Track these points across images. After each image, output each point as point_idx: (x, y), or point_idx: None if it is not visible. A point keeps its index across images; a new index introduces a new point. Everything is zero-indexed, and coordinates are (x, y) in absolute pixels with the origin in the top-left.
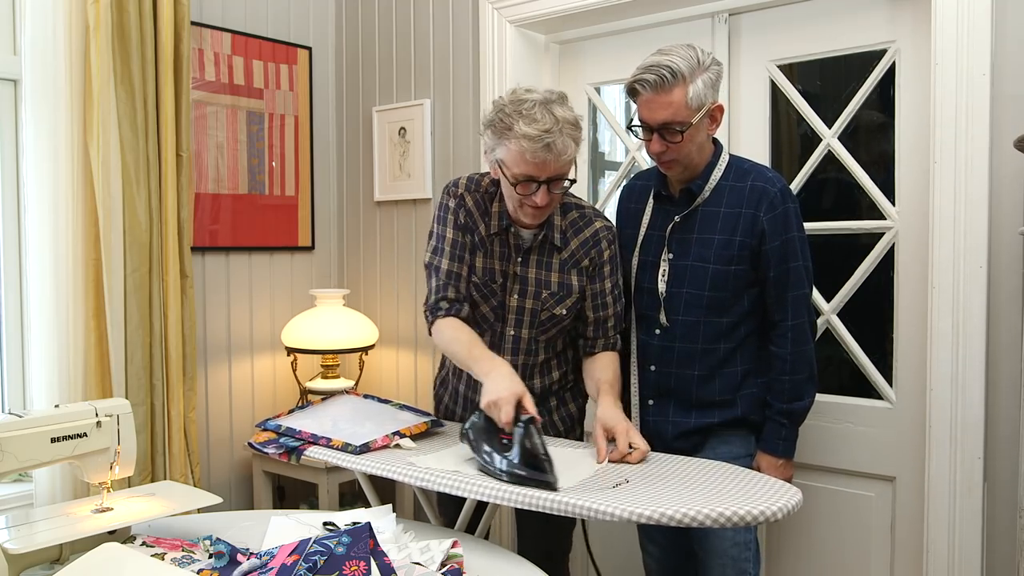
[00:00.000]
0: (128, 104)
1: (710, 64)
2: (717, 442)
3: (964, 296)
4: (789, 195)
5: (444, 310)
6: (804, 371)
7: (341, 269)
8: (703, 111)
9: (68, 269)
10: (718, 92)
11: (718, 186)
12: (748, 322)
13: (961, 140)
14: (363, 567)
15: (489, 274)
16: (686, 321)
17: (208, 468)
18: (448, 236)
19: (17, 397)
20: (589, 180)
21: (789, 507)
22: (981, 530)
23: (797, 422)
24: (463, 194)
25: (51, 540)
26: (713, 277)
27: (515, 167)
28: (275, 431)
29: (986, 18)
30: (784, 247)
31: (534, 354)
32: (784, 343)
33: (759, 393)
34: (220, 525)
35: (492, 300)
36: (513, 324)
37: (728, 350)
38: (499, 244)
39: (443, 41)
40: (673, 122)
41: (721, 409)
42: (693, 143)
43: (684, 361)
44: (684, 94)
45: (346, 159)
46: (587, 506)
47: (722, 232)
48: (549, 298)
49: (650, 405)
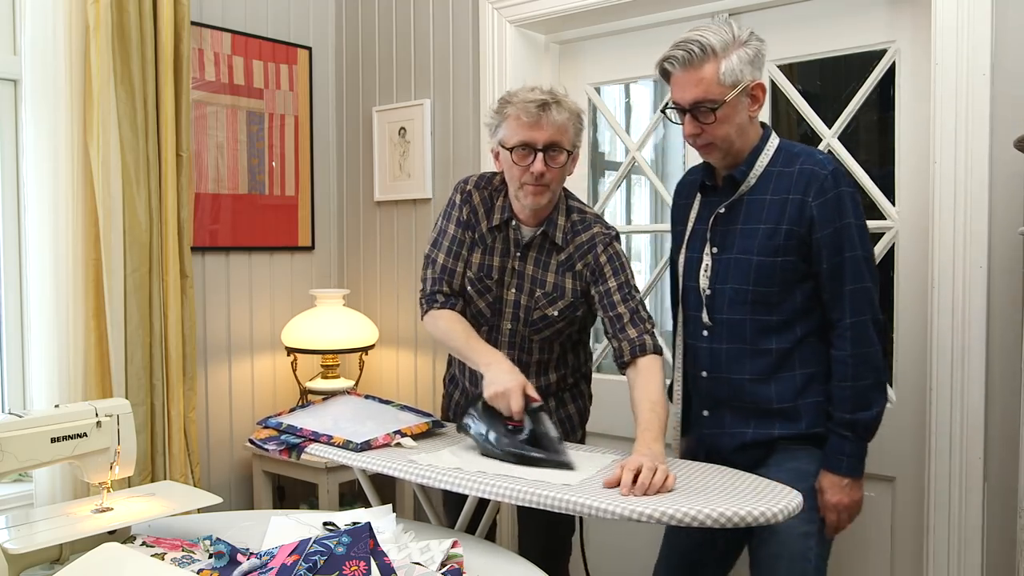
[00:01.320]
0: (128, 104)
1: (748, 39)
2: (783, 457)
3: (964, 296)
4: (842, 178)
5: (439, 303)
6: (868, 376)
7: (341, 269)
8: (739, 89)
9: (68, 269)
10: (760, 70)
11: (765, 172)
12: (805, 321)
13: (961, 140)
14: (363, 567)
15: (485, 270)
16: (731, 319)
17: (208, 468)
18: (449, 232)
19: (17, 397)
20: (589, 180)
21: (790, 509)
22: (981, 530)
23: (863, 435)
24: (471, 191)
25: (51, 540)
26: (757, 270)
27: (512, 137)
28: (276, 428)
29: (986, 18)
30: (837, 235)
31: (528, 351)
32: (843, 344)
33: (827, 402)
34: (220, 525)
35: (488, 296)
36: (509, 318)
37: (783, 352)
38: (500, 240)
39: (443, 41)
40: (705, 100)
41: (783, 420)
42: (731, 124)
43: (734, 364)
44: (716, 70)
45: (346, 159)
46: (588, 504)
47: (767, 221)
48: (542, 297)
49: (705, 417)
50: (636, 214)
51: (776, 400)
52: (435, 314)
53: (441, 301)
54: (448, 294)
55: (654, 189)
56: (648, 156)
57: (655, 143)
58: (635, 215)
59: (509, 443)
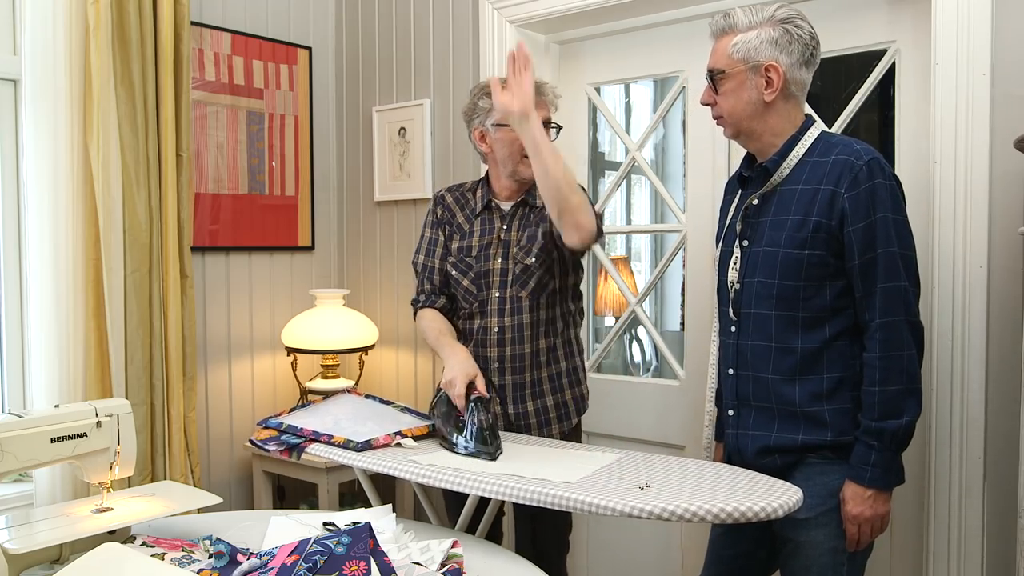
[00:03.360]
0: (128, 104)
1: (782, 22)
2: (812, 471)
3: (964, 296)
4: (879, 169)
5: (422, 302)
6: (898, 382)
7: (341, 269)
8: (748, 64)
9: (68, 269)
10: (788, 54)
11: (800, 162)
12: (835, 320)
13: (961, 140)
14: (363, 567)
15: (465, 251)
16: (757, 315)
17: (208, 468)
18: (427, 235)
19: (17, 397)
20: (589, 180)
21: (789, 505)
22: (981, 530)
23: (891, 445)
24: (443, 193)
25: (51, 540)
26: (783, 263)
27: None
28: (276, 428)
29: (986, 18)
30: (870, 230)
31: (519, 313)
32: (872, 346)
33: (857, 409)
34: (220, 525)
35: (470, 273)
36: (498, 286)
37: (810, 352)
38: (479, 223)
39: (443, 41)
40: (714, 69)
41: (808, 425)
42: (736, 99)
43: (758, 361)
44: (729, 42)
45: (346, 159)
46: (587, 501)
47: (796, 212)
48: (519, 251)
49: (730, 416)
50: (636, 214)
51: (800, 402)
52: (419, 314)
53: (423, 301)
54: (429, 292)
55: (654, 189)
56: (648, 156)
57: (655, 143)
58: (635, 215)
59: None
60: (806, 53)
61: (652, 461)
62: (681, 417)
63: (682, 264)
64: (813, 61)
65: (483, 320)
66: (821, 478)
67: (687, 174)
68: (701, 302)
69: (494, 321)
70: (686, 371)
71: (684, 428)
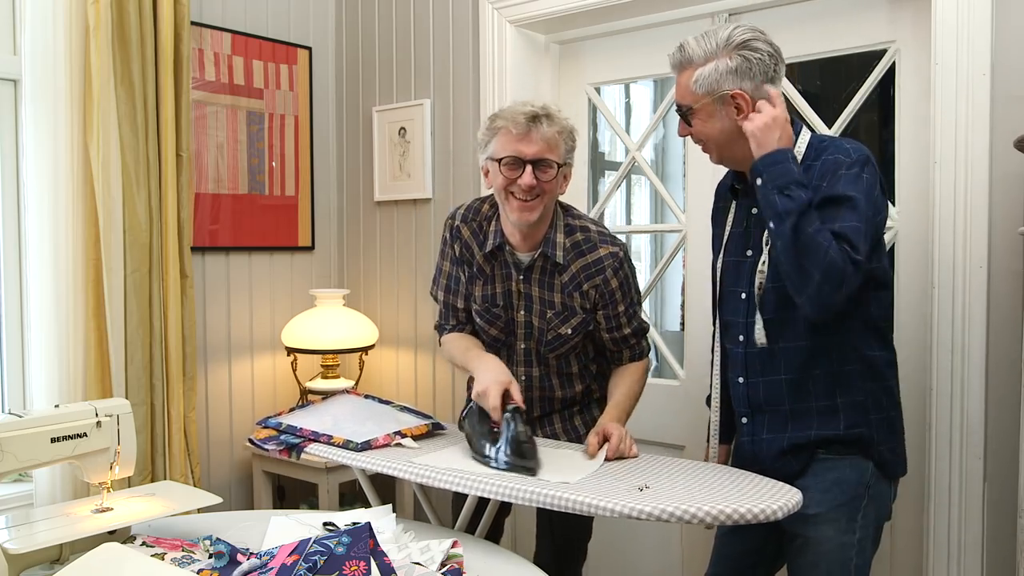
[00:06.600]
0: (128, 104)
1: (737, 48)
2: (822, 467)
3: (964, 296)
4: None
5: (448, 330)
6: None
7: (341, 269)
8: (712, 96)
9: (68, 269)
10: (750, 79)
11: None
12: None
13: (961, 140)
14: (363, 567)
15: (490, 299)
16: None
17: (208, 468)
18: (445, 269)
19: (17, 397)
20: (589, 180)
21: (789, 507)
22: (981, 530)
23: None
24: (459, 226)
25: (51, 540)
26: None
27: (502, 150)
28: (276, 428)
29: (986, 18)
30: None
31: (546, 366)
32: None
33: (866, 400)
34: (220, 525)
35: (498, 323)
36: (523, 338)
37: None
38: (499, 267)
39: (443, 41)
40: (681, 104)
41: (820, 419)
42: (712, 128)
43: (767, 365)
44: (689, 78)
45: (346, 159)
46: (587, 502)
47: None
48: (554, 317)
49: (744, 424)
50: (636, 214)
51: (813, 398)
52: (445, 339)
53: (450, 328)
54: (455, 323)
55: (654, 189)
56: (648, 156)
57: (655, 143)
58: (635, 215)
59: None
60: (768, 73)
61: (652, 462)
62: (681, 417)
63: (682, 264)
64: (778, 76)
65: (511, 367)
66: (831, 473)
67: (687, 174)
68: (701, 302)
69: (521, 370)
70: (686, 371)
71: (684, 428)
